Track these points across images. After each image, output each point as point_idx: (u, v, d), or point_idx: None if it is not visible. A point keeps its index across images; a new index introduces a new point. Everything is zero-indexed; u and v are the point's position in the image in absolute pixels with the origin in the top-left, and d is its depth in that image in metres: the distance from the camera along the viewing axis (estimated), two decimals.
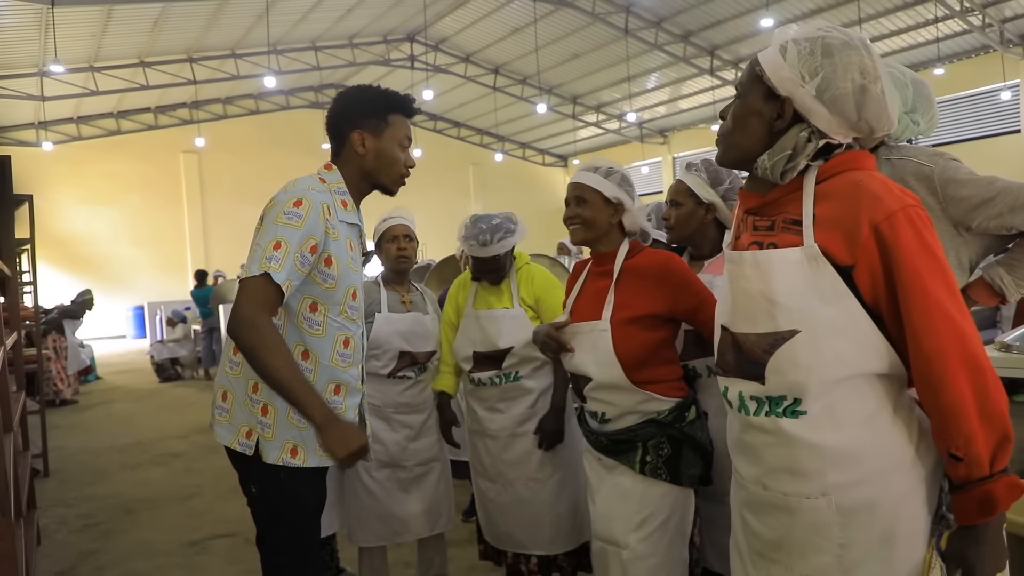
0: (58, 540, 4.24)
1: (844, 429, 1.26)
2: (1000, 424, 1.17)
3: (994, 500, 1.17)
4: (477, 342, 2.70)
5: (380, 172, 1.96)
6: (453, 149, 24.50)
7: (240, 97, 20.85)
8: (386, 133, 1.95)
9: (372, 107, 1.95)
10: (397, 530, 2.82)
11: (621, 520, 1.98)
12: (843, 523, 1.25)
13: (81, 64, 15.68)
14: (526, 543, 2.70)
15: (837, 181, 1.27)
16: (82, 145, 19.45)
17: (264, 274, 1.72)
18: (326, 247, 1.83)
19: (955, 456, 1.19)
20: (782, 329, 1.26)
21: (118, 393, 10.28)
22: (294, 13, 15.72)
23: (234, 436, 1.87)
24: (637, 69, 18.46)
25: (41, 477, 5.54)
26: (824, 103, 1.25)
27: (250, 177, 20.14)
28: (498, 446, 2.72)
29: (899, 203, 1.20)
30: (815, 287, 1.23)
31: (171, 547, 4.03)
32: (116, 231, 19.68)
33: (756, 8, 14.75)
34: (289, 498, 1.86)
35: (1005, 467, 1.18)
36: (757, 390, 1.32)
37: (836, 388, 1.25)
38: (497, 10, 16.83)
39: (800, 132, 1.28)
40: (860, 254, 1.21)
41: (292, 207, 1.79)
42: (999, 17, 14.53)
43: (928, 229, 1.21)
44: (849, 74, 1.24)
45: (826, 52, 1.25)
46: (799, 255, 1.25)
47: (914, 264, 1.18)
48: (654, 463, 1.96)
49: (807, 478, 1.28)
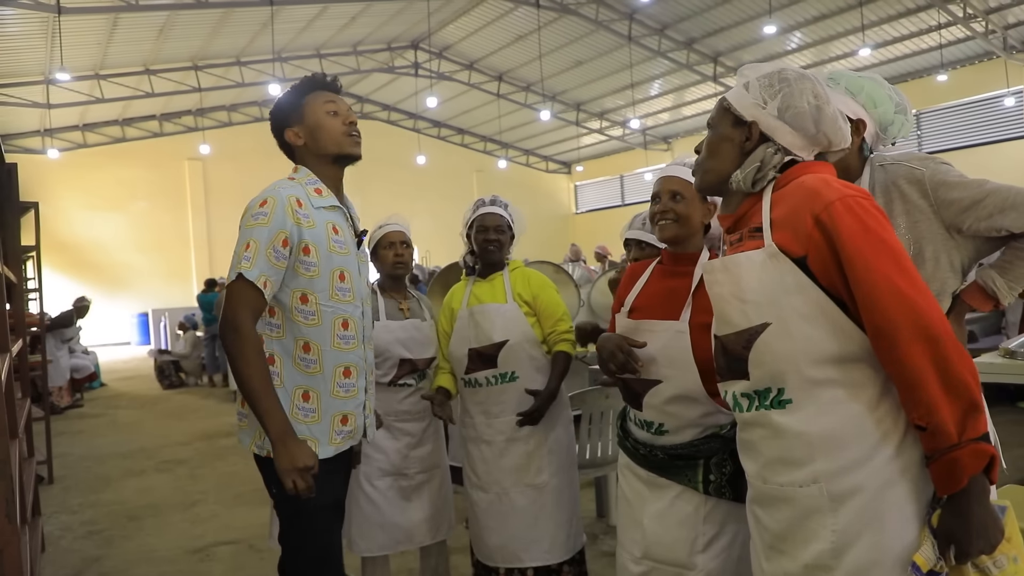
0: (62, 547, 4.25)
1: (828, 416, 1.33)
2: (964, 391, 1.21)
3: (960, 467, 1.19)
4: (471, 339, 2.70)
5: (321, 145, 2.00)
6: (457, 156, 24.54)
7: (245, 104, 20.92)
8: (306, 112, 2.01)
9: (287, 103, 2.04)
10: (399, 539, 2.81)
11: (684, 543, 1.88)
12: (834, 508, 1.31)
13: (87, 72, 15.76)
14: (521, 555, 2.67)
15: (788, 188, 1.41)
16: (87, 152, 19.53)
17: (239, 275, 1.80)
18: (300, 237, 1.88)
19: (921, 427, 1.24)
20: (755, 323, 1.38)
21: (122, 400, 10.30)
22: (299, 21, 15.79)
23: (251, 440, 1.94)
24: (640, 76, 18.49)
25: (45, 484, 5.55)
26: (785, 121, 1.43)
27: (255, 184, 19.64)
28: (494, 452, 2.70)
29: (836, 194, 1.32)
30: (778, 281, 1.35)
31: (175, 554, 4.03)
32: (121, 238, 19.73)
33: (759, 15, 14.77)
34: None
35: (977, 436, 1.20)
36: (745, 387, 1.43)
37: (816, 375, 1.33)
38: (501, 17, 16.88)
39: (767, 149, 1.44)
40: (809, 244, 1.32)
41: (258, 208, 1.87)
42: (1002, 24, 14.52)
43: (870, 215, 1.30)
44: (805, 96, 1.42)
45: (783, 81, 1.45)
46: (761, 255, 1.38)
47: (856, 245, 1.27)
48: (718, 482, 1.85)
49: (798, 467, 1.35)
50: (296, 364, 1.91)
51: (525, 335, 2.68)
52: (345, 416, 1.98)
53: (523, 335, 2.68)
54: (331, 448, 1.94)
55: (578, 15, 15.98)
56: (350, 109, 2.05)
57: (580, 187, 27.11)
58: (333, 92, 2.06)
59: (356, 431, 2.03)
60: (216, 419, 8.25)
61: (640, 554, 1.98)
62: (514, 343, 2.65)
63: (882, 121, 1.77)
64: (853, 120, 1.75)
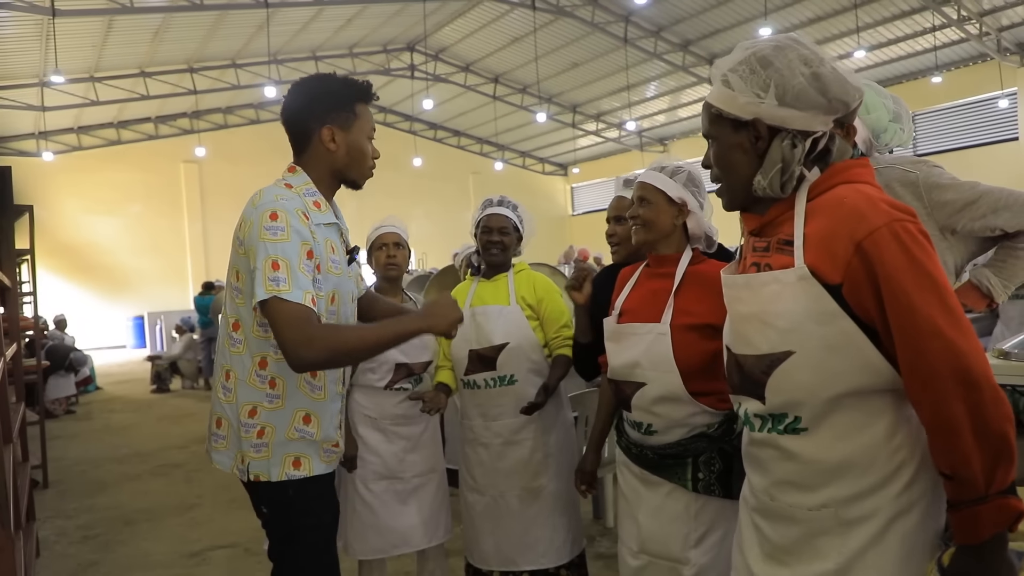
0: (57, 552, 4.23)
1: (844, 445, 1.27)
2: (996, 443, 1.13)
3: (983, 521, 1.14)
4: (472, 340, 2.69)
5: (351, 168, 1.87)
6: (453, 158, 24.54)
7: (240, 107, 20.90)
8: (355, 126, 1.84)
9: (340, 99, 1.83)
10: (395, 543, 2.80)
11: (677, 538, 1.92)
12: (843, 532, 1.27)
13: (82, 74, 15.73)
14: (516, 558, 2.66)
15: (826, 197, 1.27)
16: (82, 155, 19.49)
17: (274, 298, 1.64)
18: (318, 252, 1.76)
19: (946, 475, 1.18)
20: (777, 351, 1.28)
21: (118, 403, 10.27)
22: (294, 23, 15.79)
23: (232, 463, 1.84)
24: (636, 78, 18.52)
25: (40, 488, 5.53)
26: (789, 105, 1.27)
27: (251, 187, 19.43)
28: (491, 455, 2.69)
29: (884, 218, 1.19)
30: (807, 308, 1.24)
31: (171, 558, 4.02)
32: (116, 241, 19.69)
33: (754, 17, 14.81)
34: (300, 514, 1.83)
35: (1005, 487, 1.14)
36: (759, 408, 1.35)
37: (835, 405, 1.26)
38: (497, 20, 16.90)
39: (782, 142, 1.29)
40: (847, 273, 1.20)
41: (270, 221, 1.69)
42: (996, 26, 14.58)
43: (917, 242, 1.19)
44: (796, 69, 1.27)
45: (764, 63, 1.29)
46: (791, 276, 1.25)
47: (900, 281, 1.16)
48: (707, 479, 1.89)
49: (810, 491, 1.30)
50: (302, 387, 1.82)
51: (526, 338, 2.67)
52: (336, 443, 1.93)
53: (524, 338, 2.67)
54: (322, 465, 1.86)
55: (574, 17, 16.01)
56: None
57: (576, 189, 27.13)
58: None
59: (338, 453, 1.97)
60: None
61: (637, 548, 2.02)
62: (514, 346, 2.64)
63: (874, 128, 1.77)
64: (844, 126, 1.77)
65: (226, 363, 1.85)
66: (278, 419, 1.80)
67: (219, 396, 1.87)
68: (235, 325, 1.83)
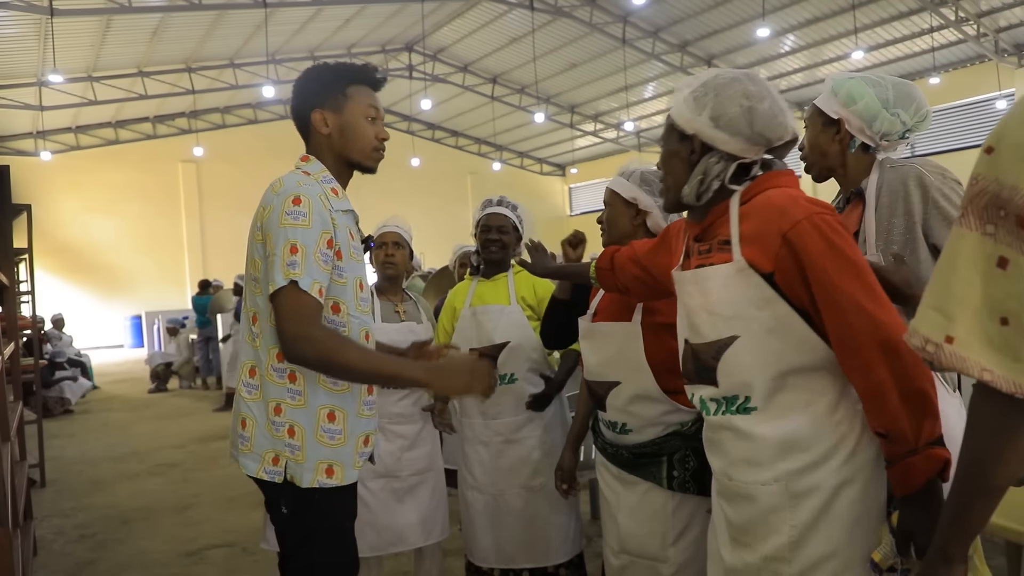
0: (55, 551, 4.22)
1: (789, 421, 1.40)
2: (919, 401, 1.28)
3: (916, 471, 1.27)
4: (473, 339, 2.70)
5: (348, 149, 1.84)
6: (451, 158, 24.55)
7: (239, 107, 20.89)
8: (347, 107, 1.82)
9: (329, 82, 1.83)
10: (392, 541, 2.80)
11: (655, 536, 1.94)
12: (793, 505, 1.39)
13: (80, 74, 15.72)
14: (515, 556, 2.67)
15: (755, 200, 1.44)
16: (80, 155, 19.48)
17: (291, 283, 1.63)
18: (336, 239, 1.73)
19: (881, 433, 1.32)
20: (724, 336, 1.44)
21: (115, 402, 10.26)
22: (292, 23, 15.78)
23: (259, 465, 1.74)
24: (635, 78, 18.54)
25: (38, 487, 5.52)
26: (721, 128, 1.45)
27: (248, 186, 20.05)
28: (491, 453, 2.70)
29: (804, 212, 1.36)
30: (747, 295, 1.40)
31: (168, 557, 4.02)
32: (114, 240, 19.67)
33: (752, 18, 14.83)
34: (319, 516, 1.79)
35: (932, 440, 1.28)
36: (713, 392, 1.49)
37: (780, 384, 1.40)
38: (495, 20, 16.90)
39: (709, 159, 1.47)
40: (777, 261, 1.37)
41: (292, 206, 1.67)
42: (994, 27, 14.62)
43: (835, 231, 1.35)
44: (735, 100, 1.45)
45: (715, 90, 1.47)
46: (730, 269, 1.42)
47: (822, 265, 1.33)
48: (681, 477, 1.91)
49: (761, 467, 1.42)
50: (321, 381, 1.74)
51: (526, 338, 2.68)
52: (367, 436, 1.86)
53: (524, 338, 2.68)
54: (354, 472, 1.80)
55: (572, 18, 16.02)
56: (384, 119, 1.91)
57: (574, 189, 27.15)
58: (376, 91, 1.89)
59: (371, 451, 1.91)
60: (209, 422, 8.22)
61: (618, 548, 2.05)
62: (515, 345, 2.65)
63: (864, 116, 1.79)
64: (835, 119, 1.81)
65: (249, 359, 1.79)
66: (304, 418, 1.74)
67: (243, 395, 1.79)
68: (254, 318, 1.78)
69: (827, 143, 1.84)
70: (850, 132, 1.81)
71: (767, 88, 1.48)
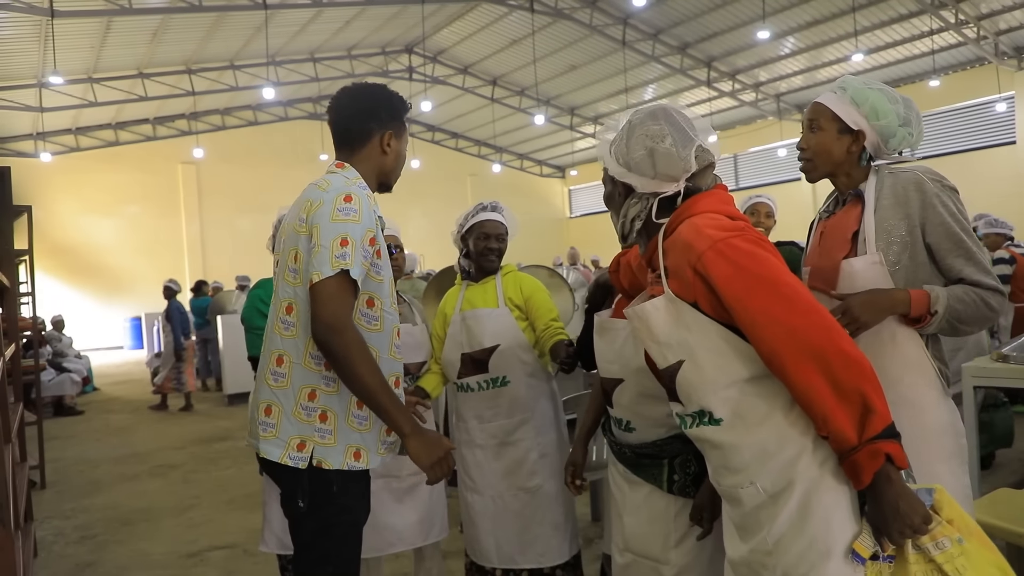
0: (55, 552, 4.23)
1: (752, 428, 1.46)
2: (855, 397, 1.32)
3: (859, 467, 1.32)
4: (464, 343, 2.71)
5: (394, 172, 2.03)
6: (451, 160, 24.57)
7: (238, 108, 20.90)
8: (404, 136, 2.03)
9: (398, 110, 2.01)
10: (391, 540, 2.80)
11: (658, 538, 1.94)
12: (773, 502, 1.45)
13: (80, 75, 15.72)
14: (515, 556, 2.68)
15: (672, 236, 1.52)
16: (80, 156, 19.48)
17: (340, 272, 1.71)
18: (378, 239, 1.85)
19: (824, 436, 1.37)
20: (671, 362, 1.52)
21: (115, 404, 10.26)
22: (293, 25, 15.80)
23: (283, 451, 1.81)
24: (634, 80, 18.55)
25: (38, 489, 5.53)
26: (633, 172, 1.56)
27: (248, 188, 20.18)
28: (487, 456, 2.71)
29: (706, 243, 1.43)
30: (681, 322, 1.49)
31: (169, 559, 4.02)
32: (114, 242, 19.67)
33: (753, 20, 14.84)
34: (338, 510, 1.84)
35: (875, 435, 1.31)
36: (682, 409, 1.57)
37: (735, 394, 1.46)
38: (495, 22, 16.92)
39: (630, 201, 1.59)
40: (695, 292, 1.46)
41: (344, 203, 1.78)
42: (994, 30, 14.63)
43: (741, 252, 1.41)
44: (640, 143, 1.54)
45: (629, 133, 1.58)
46: (663, 301, 1.51)
47: (730, 289, 1.40)
48: (682, 481, 1.91)
49: (737, 472, 1.50)
50: None
51: (516, 340, 2.69)
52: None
53: (514, 340, 2.69)
54: (378, 458, 1.90)
55: (572, 20, 16.03)
56: None
57: (574, 191, 27.15)
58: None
59: (396, 444, 1.97)
60: (210, 423, 8.22)
61: (623, 546, 2.06)
62: (505, 348, 2.66)
63: (884, 133, 1.80)
64: (854, 130, 1.80)
65: (277, 348, 1.85)
66: (337, 404, 1.82)
67: (268, 383, 1.86)
68: (288, 308, 1.85)
69: (840, 151, 1.82)
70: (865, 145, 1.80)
71: (672, 123, 1.55)
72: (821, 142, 1.83)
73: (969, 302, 1.68)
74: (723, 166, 21.08)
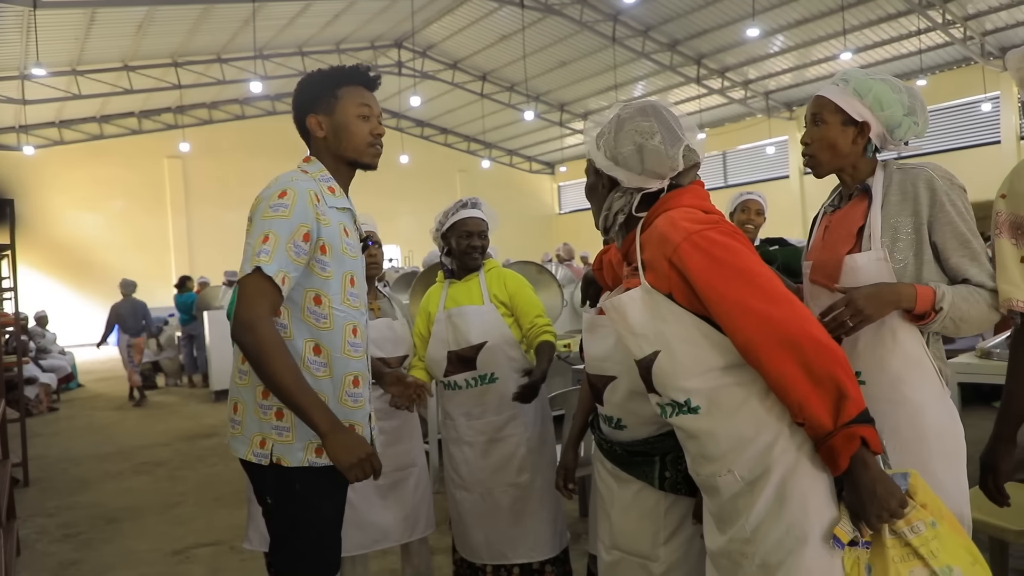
0: (38, 550, 4.18)
1: (728, 416, 1.48)
2: (829, 382, 1.34)
3: (835, 451, 1.35)
4: (450, 341, 2.70)
5: (343, 148, 1.91)
6: (440, 156, 24.51)
7: (225, 102, 20.74)
8: (338, 108, 1.90)
9: (320, 87, 1.92)
10: (376, 538, 2.79)
11: (648, 534, 1.94)
12: (750, 490, 1.46)
13: (63, 67, 15.54)
14: (506, 552, 2.68)
15: (649, 230, 1.55)
16: (64, 150, 19.26)
17: (256, 269, 1.69)
18: (319, 234, 1.79)
19: (800, 423, 1.39)
20: (647, 353, 1.54)
21: (100, 401, 10.17)
22: (281, 18, 15.68)
23: (248, 448, 1.82)
24: (624, 77, 18.57)
25: (21, 486, 5.47)
26: (620, 166, 1.58)
27: (235, 183, 20.03)
28: (475, 453, 2.71)
29: (682, 235, 1.45)
30: (657, 314, 1.51)
31: (154, 556, 3.98)
32: (99, 237, 19.48)
33: (742, 18, 14.88)
34: (303, 508, 1.83)
35: (849, 420, 1.33)
36: (660, 400, 1.59)
37: (711, 382, 1.48)
38: (485, 17, 16.87)
39: (614, 194, 1.61)
40: (670, 283, 1.48)
41: (277, 199, 1.76)
42: (980, 30, 14.75)
43: (715, 244, 1.44)
44: (630, 139, 1.56)
45: (618, 127, 1.59)
46: (639, 292, 1.54)
47: (705, 279, 1.42)
48: (673, 478, 1.90)
49: (714, 460, 1.52)
50: (305, 367, 1.80)
51: (503, 336, 2.69)
52: (352, 425, 1.88)
53: (501, 336, 2.69)
54: None
55: (562, 15, 16.02)
56: (380, 116, 1.97)
57: (563, 187, 27.17)
58: (370, 90, 1.96)
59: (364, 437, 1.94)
60: (196, 420, 8.17)
61: (610, 544, 2.05)
62: (492, 344, 2.65)
63: (889, 123, 1.78)
64: (858, 122, 1.77)
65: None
66: None
67: (235, 380, 1.86)
68: None
69: (846, 143, 1.78)
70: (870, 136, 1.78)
71: (662, 121, 1.57)
72: (825, 135, 1.79)
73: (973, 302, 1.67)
74: (712, 163, 21.15)
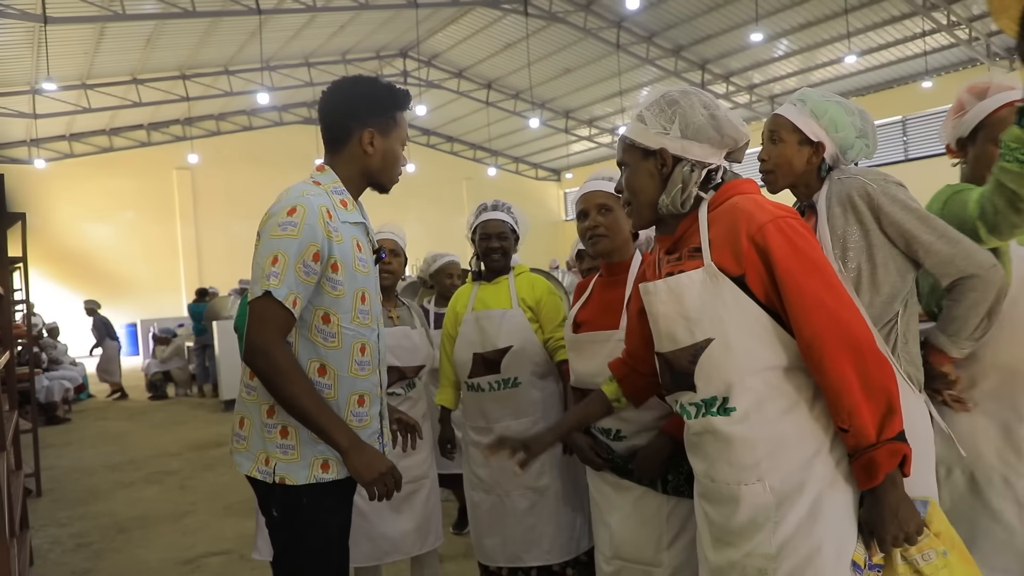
0: (51, 560, 4.21)
1: (769, 421, 1.43)
2: (882, 396, 1.33)
3: (877, 464, 1.33)
4: (476, 343, 2.70)
5: (384, 173, 1.90)
6: (446, 164, 24.56)
7: (233, 113, 20.87)
8: (394, 133, 1.88)
9: (383, 104, 1.86)
10: (388, 550, 2.79)
11: (651, 540, 1.94)
12: (778, 503, 1.41)
13: (73, 81, 15.69)
14: (521, 555, 2.68)
15: (722, 207, 1.50)
16: (75, 162, 19.41)
17: (265, 294, 1.66)
18: (331, 252, 1.74)
19: (843, 428, 1.37)
20: (699, 340, 1.47)
21: (111, 410, 10.23)
22: (287, 30, 15.79)
23: (253, 464, 1.79)
24: (629, 83, 18.58)
25: (34, 496, 5.50)
26: (690, 137, 1.52)
27: (243, 193, 20.12)
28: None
29: (768, 216, 1.42)
30: (718, 298, 1.44)
31: (165, 566, 4.01)
32: (109, 248, 19.60)
33: (746, 23, 14.88)
34: (309, 524, 1.81)
35: (893, 435, 1.33)
36: (692, 397, 1.52)
37: (756, 384, 1.43)
38: (489, 26, 16.94)
39: (683, 168, 1.52)
40: (746, 263, 1.42)
41: (286, 216, 1.70)
42: (985, 31, 14.69)
43: (799, 235, 1.41)
44: (697, 109, 1.52)
45: (673, 103, 1.54)
46: (701, 274, 1.47)
47: (786, 264, 1.38)
48: (676, 481, 1.90)
49: (743, 467, 1.45)
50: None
51: (529, 341, 2.69)
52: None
53: (527, 341, 2.68)
54: (344, 470, 1.80)
55: (566, 23, 16.05)
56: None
57: (570, 194, 27.17)
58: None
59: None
60: (206, 429, 8.20)
61: (610, 554, 2.04)
62: (518, 349, 2.66)
63: (842, 145, 1.85)
64: (814, 142, 1.84)
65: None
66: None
67: (242, 395, 1.84)
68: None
69: (801, 162, 1.85)
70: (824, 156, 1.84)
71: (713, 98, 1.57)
72: (782, 153, 1.86)
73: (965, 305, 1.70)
74: None
